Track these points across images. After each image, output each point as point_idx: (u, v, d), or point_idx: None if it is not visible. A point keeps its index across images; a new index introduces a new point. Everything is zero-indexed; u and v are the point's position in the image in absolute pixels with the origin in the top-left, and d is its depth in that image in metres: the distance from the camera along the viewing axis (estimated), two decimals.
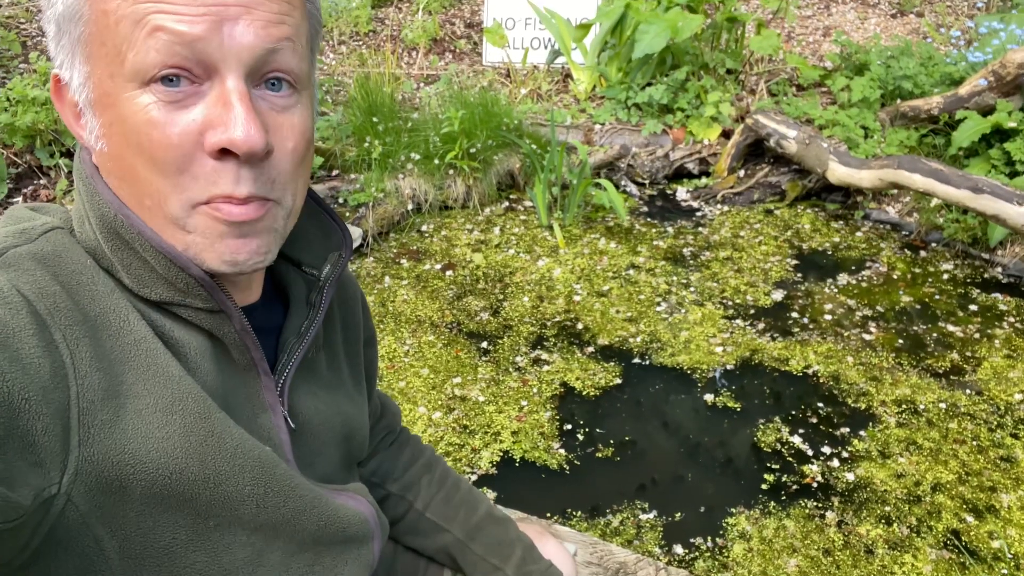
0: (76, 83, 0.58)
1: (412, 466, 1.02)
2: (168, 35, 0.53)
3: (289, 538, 0.68)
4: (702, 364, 2.59)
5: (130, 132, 0.55)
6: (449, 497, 1.00)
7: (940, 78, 3.80)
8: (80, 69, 0.57)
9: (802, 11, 5.93)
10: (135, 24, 0.53)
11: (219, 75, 0.55)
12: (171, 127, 0.54)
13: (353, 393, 0.84)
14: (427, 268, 3.19)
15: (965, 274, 3.09)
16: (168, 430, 0.57)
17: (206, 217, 0.57)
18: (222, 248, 0.58)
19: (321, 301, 0.74)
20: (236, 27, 0.54)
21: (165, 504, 0.58)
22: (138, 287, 0.60)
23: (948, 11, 5.76)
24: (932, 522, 1.97)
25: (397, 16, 5.55)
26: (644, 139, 3.90)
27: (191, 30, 0.53)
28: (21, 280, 0.54)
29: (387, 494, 1.00)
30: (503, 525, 1.01)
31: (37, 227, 0.60)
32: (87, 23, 0.55)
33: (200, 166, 0.56)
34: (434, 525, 0.98)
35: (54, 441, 0.51)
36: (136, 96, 0.54)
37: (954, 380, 2.49)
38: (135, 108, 0.54)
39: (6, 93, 3.30)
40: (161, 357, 0.59)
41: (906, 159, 3.09)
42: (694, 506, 2.05)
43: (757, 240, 3.39)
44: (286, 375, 0.71)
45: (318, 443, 0.76)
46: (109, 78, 0.55)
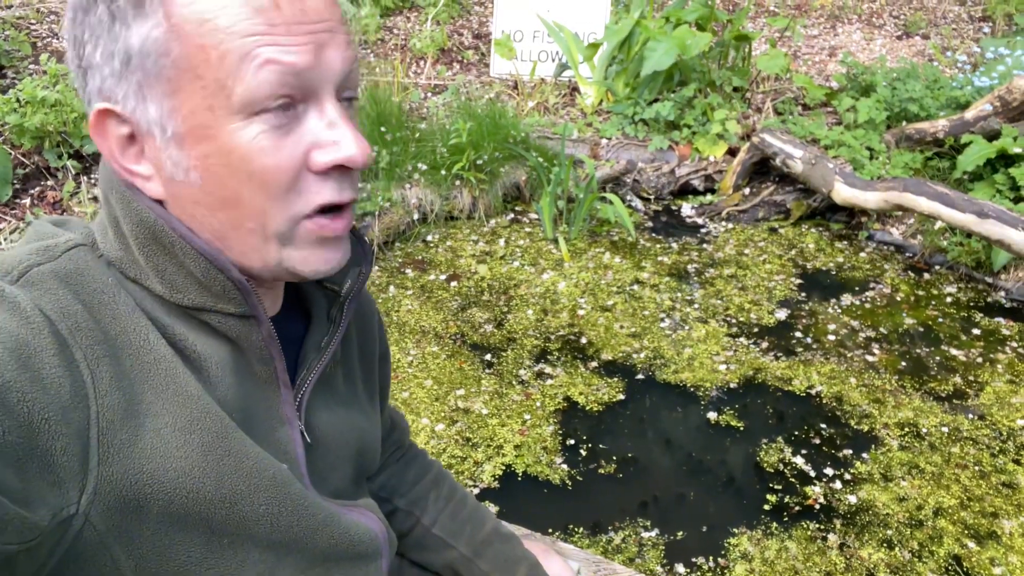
0: (151, 117, 0.57)
1: (419, 481, 1.02)
2: (280, 67, 0.55)
3: (300, 555, 0.68)
4: (705, 382, 2.59)
5: (237, 162, 0.56)
6: (456, 513, 1.01)
7: (946, 101, 3.82)
8: (160, 103, 0.57)
9: (808, 31, 5.97)
10: (242, 58, 0.54)
11: (315, 98, 0.58)
12: (281, 152, 0.57)
13: (367, 408, 0.85)
14: (432, 279, 3.19)
15: (968, 298, 3.10)
16: (186, 450, 0.58)
17: (308, 231, 0.60)
18: (317, 258, 0.62)
19: (342, 316, 0.74)
20: (328, 52, 0.57)
21: (181, 523, 0.58)
22: (171, 292, 0.61)
23: (954, 34, 5.79)
24: (934, 547, 1.97)
25: (406, 25, 5.57)
26: (650, 155, 3.91)
27: (300, 60, 0.55)
28: (44, 299, 0.55)
29: (394, 509, 1.00)
30: (509, 542, 1.01)
31: (60, 244, 0.60)
32: (176, 57, 0.55)
33: (304, 183, 0.59)
34: (440, 541, 0.99)
35: (73, 461, 0.52)
36: (243, 127, 0.56)
37: (957, 404, 2.50)
38: (243, 138, 0.56)
39: (16, 94, 3.31)
40: (181, 376, 0.59)
41: (912, 182, 3.10)
42: (696, 525, 2.05)
43: (761, 258, 3.40)
44: (305, 389, 0.71)
45: (332, 458, 0.76)
46: (208, 111, 0.55)
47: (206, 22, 0.54)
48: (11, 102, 3.28)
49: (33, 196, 3.23)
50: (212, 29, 0.54)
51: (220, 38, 0.54)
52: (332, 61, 0.57)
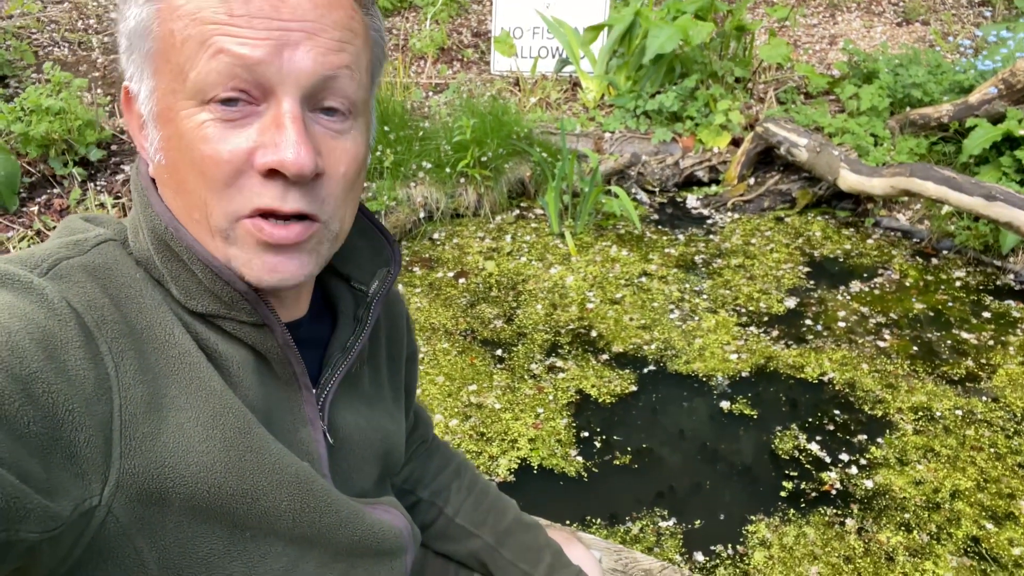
0: (142, 96, 0.60)
1: (442, 472, 1.02)
2: (230, 57, 0.54)
3: (324, 550, 0.69)
4: (717, 371, 2.59)
5: (185, 147, 0.57)
6: (478, 502, 1.01)
7: (949, 86, 3.81)
8: (146, 83, 0.59)
9: (808, 19, 5.96)
10: (199, 45, 0.55)
11: (275, 97, 0.56)
12: (223, 144, 0.56)
13: (393, 409, 0.85)
14: (440, 276, 3.20)
15: (977, 281, 3.09)
16: (208, 444, 0.58)
17: (247, 232, 0.58)
18: (259, 263, 0.59)
19: (368, 317, 0.74)
20: (296, 52, 0.56)
21: (203, 516, 0.59)
22: (185, 299, 0.61)
23: (954, 19, 5.78)
24: (952, 529, 1.97)
25: (404, 26, 5.58)
26: (654, 147, 3.91)
27: (252, 53, 0.54)
28: (71, 292, 0.55)
29: (418, 500, 1.00)
30: (532, 531, 1.01)
31: (90, 239, 0.61)
32: (155, 39, 0.57)
33: (247, 181, 0.57)
34: (464, 531, 0.99)
35: (96, 453, 0.52)
36: (194, 113, 0.56)
37: (970, 387, 2.49)
38: (192, 124, 0.56)
39: (20, 103, 3.32)
40: (204, 371, 0.60)
41: (918, 167, 3.10)
42: (713, 513, 2.05)
43: (768, 248, 3.39)
44: (328, 390, 0.71)
45: (356, 458, 0.76)
46: (171, 94, 0.57)
47: (178, 7, 0.55)
48: (16, 111, 3.28)
49: (40, 204, 3.24)
50: (181, 14, 0.55)
51: (185, 23, 0.55)
52: (299, 62, 0.56)
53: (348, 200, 0.63)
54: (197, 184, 0.57)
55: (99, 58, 4.62)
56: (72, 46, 4.73)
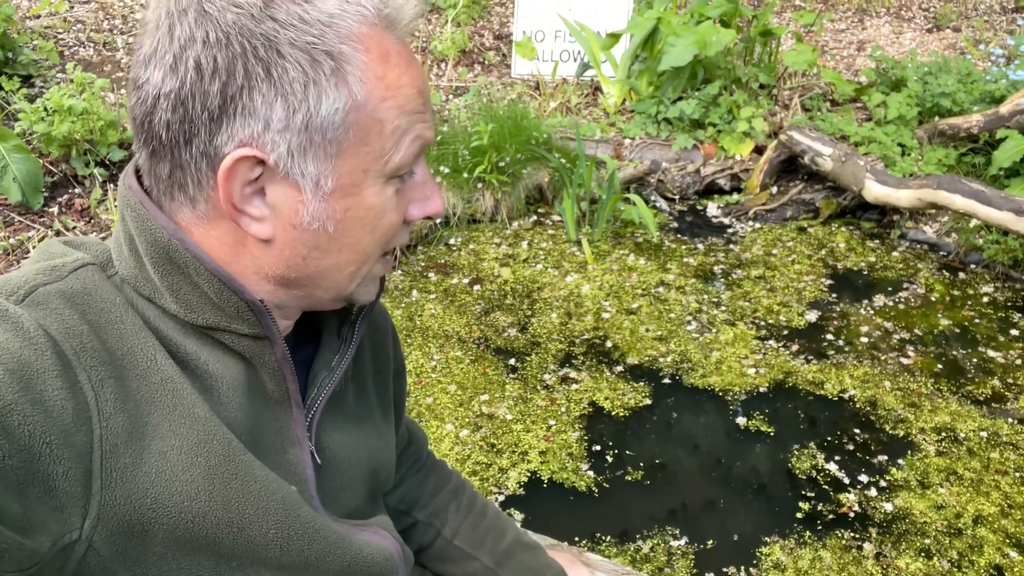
0: (308, 172, 0.58)
1: (439, 493, 1.01)
2: (424, 141, 0.62)
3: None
4: (734, 386, 2.54)
5: (375, 216, 0.62)
6: (477, 523, 1.00)
7: (980, 96, 3.72)
8: (322, 163, 0.58)
9: (835, 24, 5.86)
10: (404, 132, 0.60)
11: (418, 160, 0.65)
12: (400, 209, 0.64)
13: (381, 426, 0.83)
14: (455, 282, 3.17)
15: (1006, 297, 3.01)
16: (192, 472, 0.57)
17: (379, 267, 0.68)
18: (372, 289, 0.69)
19: (353, 335, 0.74)
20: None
21: (188, 547, 0.58)
22: (185, 311, 0.60)
23: (986, 26, 5.66)
24: (974, 556, 1.91)
25: (426, 28, 5.57)
26: (675, 154, 3.86)
27: (432, 135, 0.64)
28: (48, 319, 0.54)
29: (414, 522, 0.99)
30: (532, 552, 1.00)
31: (68, 264, 0.59)
32: (354, 128, 0.58)
33: (399, 231, 0.66)
34: (462, 552, 0.98)
35: (75, 486, 0.51)
36: (387, 188, 0.62)
37: (995, 408, 2.42)
38: (383, 198, 0.62)
39: (43, 103, 3.35)
40: (188, 397, 0.58)
41: (945, 179, 3.02)
42: (727, 534, 2.00)
43: (790, 258, 3.33)
44: (316, 409, 0.71)
45: (344, 478, 0.76)
46: (362, 172, 0.60)
47: (388, 99, 0.59)
48: (39, 111, 3.31)
49: (61, 204, 3.27)
50: (391, 106, 0.59)
51: (396, 115, 0.59)
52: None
53: None
54: (373, 245, 0.64)
55: (123, 58, 4.66)
56: (97, 46, 4.78)
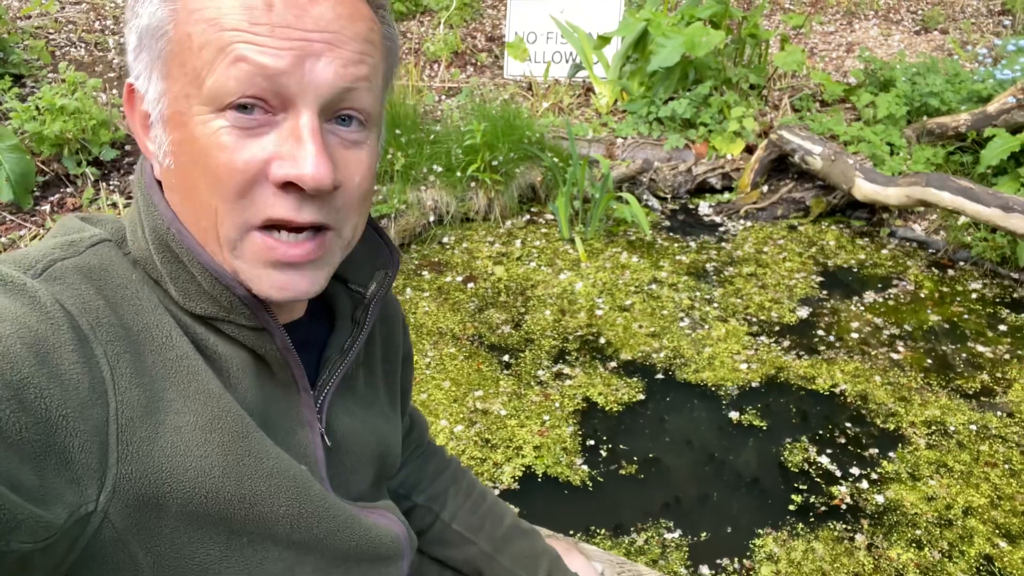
0: (151, 96, 0.59)
1: (438, 478, 1.02)
2: (250, 66, 0.53)
3: (321, 555, 0.68)
4: (726, 381, 2.55)
5: (198, 152, 0.55)
6: (475, 508, 1.00)
7: (967, 95, 3.77)
8: (156, 84, 0.58)
9: (825, 27, 5.91)
10: (218, 51, 0.53)
11: (294, 108, 0.55)
12: (239, 153, 0.55)
13: (388, 411, 0.84)
14: (448, 280, 3.18)
15: (994, 293, 3.04)
16: (206, 448, 0.57)
17: (257, 247, 0.57)
18: (269, 281, 0.59)
19: (366, 319, 0.74)
20: (318, 63, 0.55)
21: (200, 521, 0.58)
22: (184, 300, 0.61)
23: (973, 28, 5.72)
24: (964, 547, 1.92)
25: (419, 30, 5.58)
26: (666, 153, 3.89)
27: (274, 63, 0.53)
28: (65, 294, 0.54)
29: (414, 505, 1.00)
30: (530, 537, 1.01)
31: (85, 239, 0.60)
32: (169, 41, 0.56)
33: (260, 192, 0.56)
34: (461, 537, 0.99)
35: (91, 458, 0.51)
36: (209, 119, 0.55)
37: (985, 401, 2.45)
38: (207, 131, 0.55)
39: (35, 102, 3.34)
40: (202, 374, 0.59)
41: (934, 176, 3.05)
42: (720, 526, 2.01)
43: (781, 256, 3.36)
44: (326, 392, 0.71)
45: (352, 461, 0.76)
46: (184, 98, 0.56)
47: (197, 11, 0.54)
48: (30, 110, 3.31)
49: (53, 203, 3.26)
50: (200, 18, 0.54)
51: (204, 28, 0.54)
52: (320, 73, 0.55)
53: (362, 209, 0.63)
54: (209, 192, 0.56)
55: (115, 59, 4.65)
56: (89, 46, 4.77)
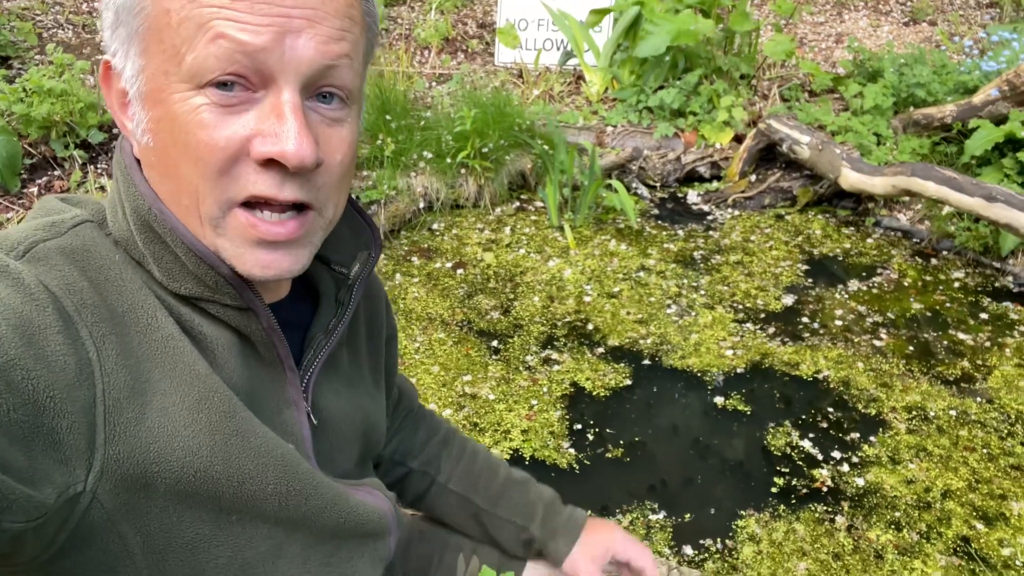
0: (128, 74, 0.58)
1: (430, 442, 1.04)
2: (230, 43, 0.53)
3: (308, 532, 0.69)
4: (712, 367, 2.59)
5: (178, 130, 0.55)
6: (469, 468, 1.02)
7: (953, 87, 3.80)
8: (134, 61, 0.57)
9: (815, 18, 5.93)
10: (197, 27, 0.53)
11: (275, 85, 0.55)
12: (219, 130, 0.54)
13: (373, 390, 0.85)
14: (438, 266, 3.20)
15: (976, 283, 3.09)
16: (194, 428, 0.57)
17: (240, 224, 0.57)
18: (252, 259, 0.58)
19: (350, 299, 0.74)
20: (298, 40, 0.54)
21: (189, 501, 0.58)
22: (168, 281, 0.60)
23: (961, 20, 5.76)
24: (942, 528, 1.97)
25: (410, 15, 5.56)
26: (656, 142, 3.90)
27: (254, 40, 0.53)
28: (49, 275, 0.54)
29: (409, 471, 1.02)
30: (523, 487, 1.03)
31: (67, 220, 0.59)
32: (147, 17, 0.55)
33: (242, 169, 0.56)
34: (458, 496, 1.01)
35: (79, 439, 0.51)
36: (189, 96, 0.54)
37: (965, 388, 2.49)
38: (186, 108, 0.54)
39: (22, 84, 3.31)
40: (188, 354, 0.59)
41: (919, 166, 3.09)
42: (704, 508, 2.05)
43: (768, 245, 3.39)
44: (312, 371, 0.71)
45: (338, 439, 0.77)
46: (163, 75, 0.55)
47: None
48: (17, 92, 3.28)
49: (40, 186, 3.24)
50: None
51: (182, 3, 0.53)
52: (301, 50, 0.54)
53: (342, 187, 0.63)
54: (189, 169, 0.56)
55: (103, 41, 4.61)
56: (76, 28, 4.72)
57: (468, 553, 1.08)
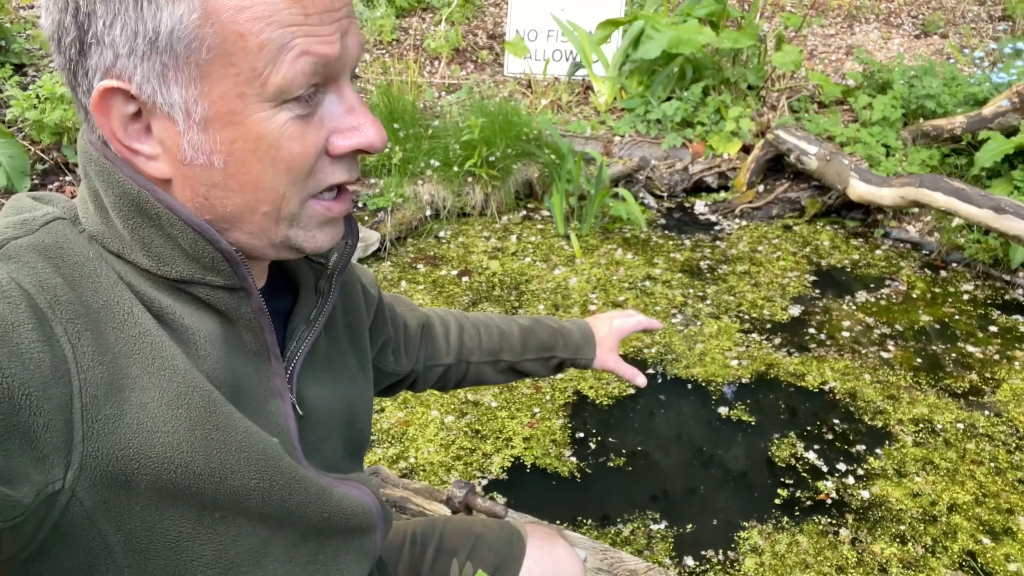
0: (173, 100, 0.56)
1: (449, 336, 1.13)
2: (315, 58, 0.56)
3: (293, 529, 0.68)
4: (717, 377, 2.57)
5: (265, 148, 0.57)
6: (490, 338, 1.15)
7: (963, 98, 3.78)
8: (185, 88, 0.55)
9: (825, 30, 5.93)
10: (280, 48, 0.54)
11: (335, 83, 0.59)
12: (307, 139, 0.58)
13: (358, 377, 0.85)
14: (443, 274, 3.20)
15: (985, 295, 3.06)
16: (174, 424, 0.57)
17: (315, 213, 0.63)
18: (323, 235, 0.64)
19: (331, 289, 0.74)
20: (348, 39, 0.59)
21: (170, 498, 0.58)
22: (157, 265, 0.59)
23: (972, 33, 5.73)
24: (947, 542, 1.94)
25: (420, 26, 5.60)
26: (663, 152, 3.90)
27: (331, 51, 0.57)
28: (21, 273, 0.53)
29: (445, 367, 1.12)
30: (536, 328, 1.18)
31: (38, 217, 0.58)
32: (211, 45, 0.54)
33: (321, 165, 0.60)
34: (490, 363, 1.16)
35: (57, 437, 0.51)
36: (273, 115, 0.56)
37: (973, 401, 2.46)
38: (273, 126, 0.57)
39: (36, 91, 3.36)
40: (167, 349, 0.58)
41: (928, 177, 3.07)
42: (706, 518, 2.03)
43: (775, 255, 3.37)
44: (296, 362, 0.71)
45: (324, 429, 0.76)
46: (238, 98, 0.55)
47: (245, 9, 0.53)
48: (31, 98, 3.32)
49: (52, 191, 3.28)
50: (251, 17, 0.53)
51: (260, 27, 0.54)
52: (352, 47, 0.59)
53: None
54: (278, 180, 0.59)
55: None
56: None
57: (462, 558, 1.08)
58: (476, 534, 1.09)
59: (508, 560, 1.08)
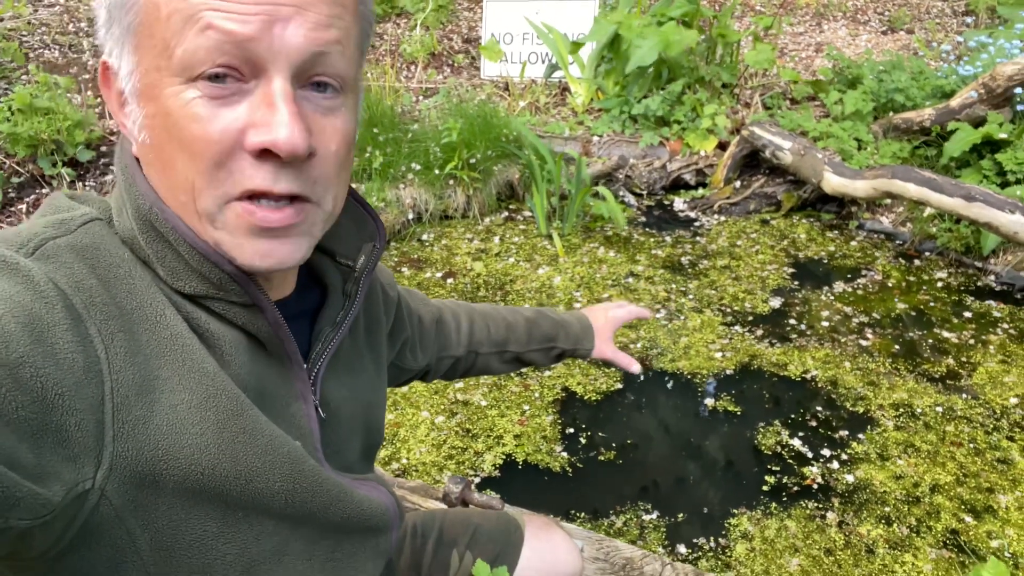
0: (123, 72, 0.58)
1: (459, 330, 1.15)
2: (219, 33, 0.52)
3: (313, 527, 0.69)
4: (702, 369, 2.61)
5: (172, 125, 0.55)
6: (498, 330, 1.18)
7: (932, 91, 3.87)
8: (128, 58, 0.57)
9: (794, 28, 6.03)
10: (186, 20, 0.53)
11: (266, 75, 0.55)
12: (213, 123, 0.54)
13: (375, 380, 0.85)
14: (428, 276, 3.21)
15: (959, 282, 3.13)
16: (202, 426, 0.57)
17: (237, 215, 0.57)
18: (251, 249, 0.58)
19: (357, 292, 0.74)
20: (287, 28, 0.54)
21: (197, 498, 0.58)
22: (172, 280, 0.60)
23: (938, 28, 5.86)
24: (931, 522, 1.99)
25: (395, 31, 5.61)
26: (641, 151, 3.95)
27: (242, 29, 0.52)
28: (58, 273, 0.54)
29: (456, 358, 1.14)
30: (538, 320, 1.20)
31: (76, 218, 0.59)
32: (137, 13, 0.55)
33: (237, 163, 0.55)
34: (497, 354, 1.18)
35: (88, 436, 0.51)
36: (181, 91, 0.54)
37: (950, 384, 2.53)
38: (179, 102, 0.54)
39: (8, 103, 3.32)
40: (197, 352, 0.59)
41: (900, 169, 3.14)
42: (696, 507, 2.06)
43: (754, 249, 3.43)
44: (320, 365, 0.71)
45: (345, 431, 0.77)
46: (155, 70, 0.55)
47: None
48: (3, 111, 3.29)
49: (28, 204, 3.24)
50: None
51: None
52: (290, 38, 0.54)
53: (340, 178, 0.62)
54: (185, 165, 0.55)
55: (89, 61, 4.63)
56: (63, 48, 4.74)
57: (462, 549, 1.10)
58: (475, 525, 1.11)
59: (507, 549, 1.10)
